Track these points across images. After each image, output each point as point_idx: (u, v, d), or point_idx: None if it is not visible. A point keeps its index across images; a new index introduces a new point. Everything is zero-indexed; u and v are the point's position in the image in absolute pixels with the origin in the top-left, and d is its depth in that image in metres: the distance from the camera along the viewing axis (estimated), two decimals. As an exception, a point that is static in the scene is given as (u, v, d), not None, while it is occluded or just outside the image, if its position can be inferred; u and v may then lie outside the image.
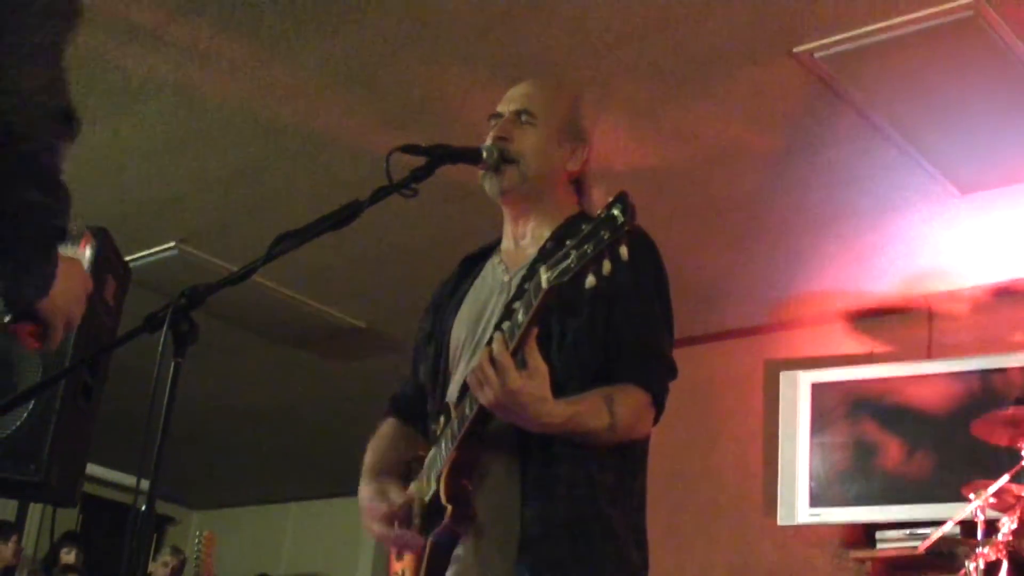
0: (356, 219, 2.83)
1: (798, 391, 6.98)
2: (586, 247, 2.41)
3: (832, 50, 4.90)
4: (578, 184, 3.16)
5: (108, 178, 6.46)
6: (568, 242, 2.45)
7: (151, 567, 9.49)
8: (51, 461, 3.50)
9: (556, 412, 2.67)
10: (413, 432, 3.20)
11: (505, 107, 3.13)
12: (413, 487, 2.98)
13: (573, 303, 2.63)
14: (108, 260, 3.83)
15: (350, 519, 12.35)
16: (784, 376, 7.09)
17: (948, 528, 5.43)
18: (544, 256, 2.84)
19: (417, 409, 3.20)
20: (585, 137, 3.17)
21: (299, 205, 6.48)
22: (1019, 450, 5.29)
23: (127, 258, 4.14)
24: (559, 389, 2.70)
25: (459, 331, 3.08)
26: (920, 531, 6.06)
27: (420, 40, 5.15)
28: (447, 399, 2.96)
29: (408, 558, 2.96)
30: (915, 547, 5.65)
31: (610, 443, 2.82)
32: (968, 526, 5.54)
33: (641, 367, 2.86)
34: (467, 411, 2.76)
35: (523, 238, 3.11)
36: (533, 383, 2.62)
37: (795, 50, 4.94)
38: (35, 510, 10.70)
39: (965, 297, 6.89)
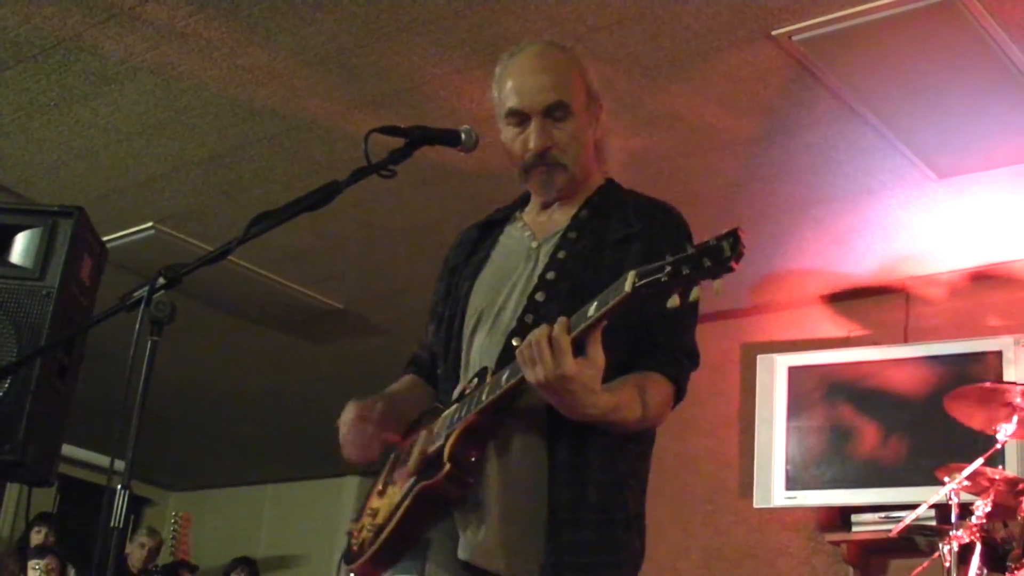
0: (334, 200, 2.82)
1: (775, 374, 7.00)
2: (684, 268, 2.36)
3: (811, 33, 4.90)
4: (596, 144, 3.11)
5: (86, 159, 6.44)
6: (668, 256, 2.38)
7: (128, 548, 9.49)
8: (27, 441, 3.50)
9: (600, 404, 2.62)
10: (432, 392, 3.14)
11: (528, 103, 2.97)
12: (422, 434, 2.90)
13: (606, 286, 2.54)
14: (85, 240, 3.82)
15: (327, 501, 12.41)
16: (761, 359, 7.10)
17: (922, 511, 5.45)
18: (579, 226, 2.90)
19: (434, 371, 3.15)
20: (598, 98, 3.09)
21: (276, 187, 6.49)
22: (993, 434, 5.32)
23: (104, 238, 4.13)
24: None
25: (478, 296, 3.01)
26: (895, 514, 6.09)
27: (397, 24, 5.14)
28: (482, 365, 2.86)
29: (388, 497, 2.91)
30: (890, 530, 5.67)
31: (636, 432, 2.84)
32: (942, 509, 5.57)
33: (670, 360, 2.85)
34: (502, 381, 2.69)
35: (552, 206, 3.06)
36: (588, 373, 2.55)
37: (773, 32, 4.94)
38: (12, 491, 10.71)
39: (942, 281, 6.92)
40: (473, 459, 2.74)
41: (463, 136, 3.01)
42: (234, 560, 11.30)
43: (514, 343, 2.71)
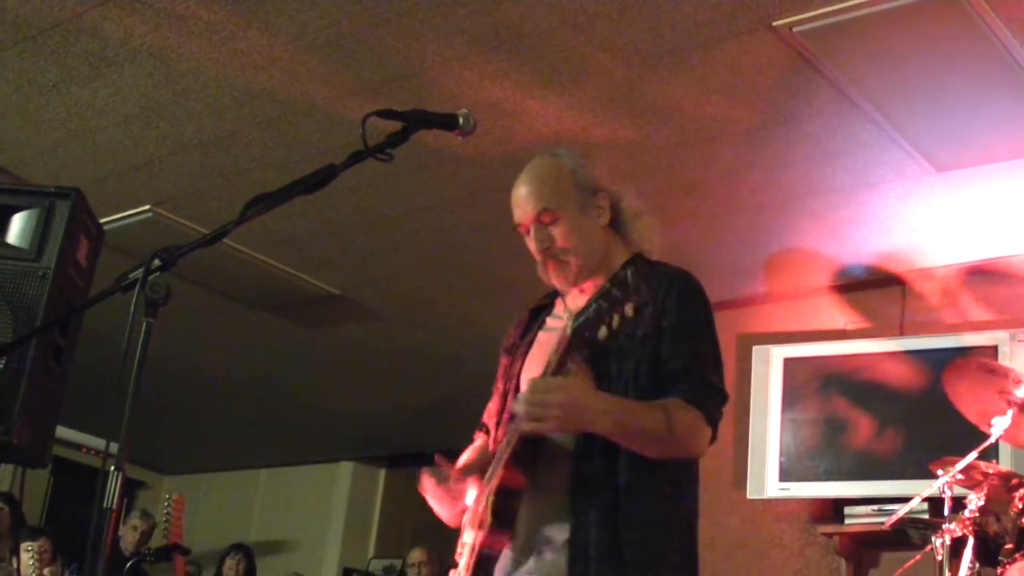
0: (330, 183, 2.82)
1: (770, 366, 7.00)
2: (602, 303, 2.81)
3: (812, 24, 4.89)
4: (613, 224, 3.37)
5: (84, 140, 6.43)
6: (590, 299, 2.87)
7: (121, 530, 9.48)
8: (21, 422, 3.48)
9: (602, 398, 3.00)
10: None
11: (520, 216, 3.31)
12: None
13: (624, 348, 3.01)
14: (82, 221, 3.81)
15: (320, 486, 12.41)
16: (757, 350, 7.11)
17: (915, 504, 5.45)
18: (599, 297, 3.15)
19: None
20: (599, 187, 3.34)
21: (273, 172, 6.47)
22: (988, 428, 5.32)
23: (101, 220, 4.12)
24: None
25: (528, 372, 3.30)
26: (888, 507, 6.09)
27: (397, 10, 5.12)
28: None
29: (463, 567, 3.17)
30: (883, 523, 5.68)
31: (670, 451, 3.10)
32: (935, 503, 5.57)
33: (689, 388, 3.08)
34: (507, 441, 3.06)
35: (584, 288, 3.29)
36: (567, 380, 2.96)
37: (774, 24, 4.93)
38: (6, 472, 10.69)
39: (939, 275, 6.92)
40: (514, 508, 3.10)
41: (461, 120, 3.04)
42: (230, 546, 11.29)
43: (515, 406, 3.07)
